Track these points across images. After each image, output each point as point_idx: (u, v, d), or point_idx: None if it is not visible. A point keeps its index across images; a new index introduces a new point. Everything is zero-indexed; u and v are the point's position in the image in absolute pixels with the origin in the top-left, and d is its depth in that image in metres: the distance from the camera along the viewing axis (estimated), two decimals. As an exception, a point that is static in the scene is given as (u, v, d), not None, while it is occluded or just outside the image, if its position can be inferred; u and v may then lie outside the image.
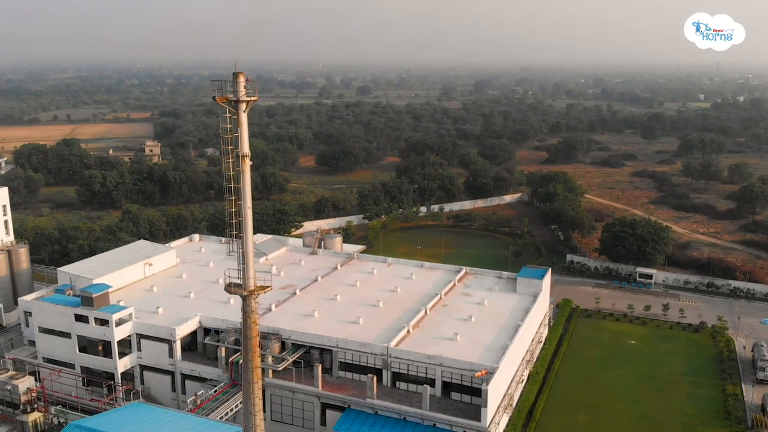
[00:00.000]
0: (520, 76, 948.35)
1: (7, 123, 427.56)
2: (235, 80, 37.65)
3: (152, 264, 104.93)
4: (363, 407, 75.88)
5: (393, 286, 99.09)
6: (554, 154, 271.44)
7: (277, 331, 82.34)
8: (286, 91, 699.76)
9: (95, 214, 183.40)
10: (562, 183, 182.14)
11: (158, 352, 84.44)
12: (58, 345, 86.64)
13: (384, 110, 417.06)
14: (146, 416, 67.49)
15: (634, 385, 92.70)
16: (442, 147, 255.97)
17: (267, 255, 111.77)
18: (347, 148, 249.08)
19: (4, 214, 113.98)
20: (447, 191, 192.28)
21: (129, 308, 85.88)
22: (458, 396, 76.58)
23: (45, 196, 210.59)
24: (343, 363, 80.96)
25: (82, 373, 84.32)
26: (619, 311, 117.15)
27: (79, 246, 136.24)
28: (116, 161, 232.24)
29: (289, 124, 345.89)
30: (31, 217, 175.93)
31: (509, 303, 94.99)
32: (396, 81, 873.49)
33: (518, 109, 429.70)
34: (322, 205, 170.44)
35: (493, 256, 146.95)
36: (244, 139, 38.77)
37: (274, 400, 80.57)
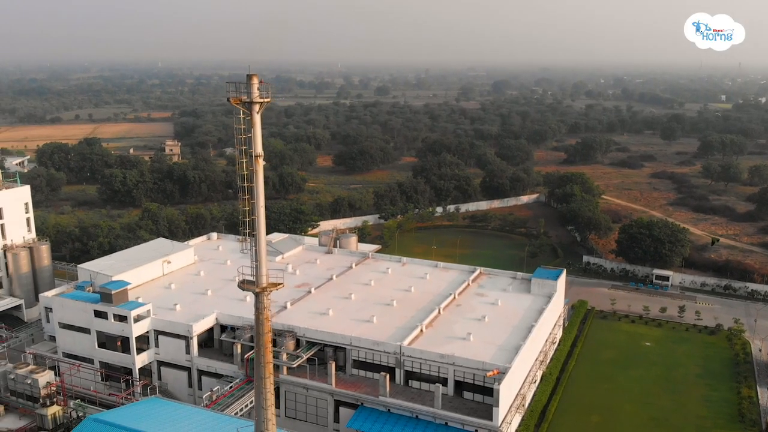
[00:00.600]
0: (539, 76, 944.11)
1: (30, 122, 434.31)
2: (248, 82, 38.57)
3: (171, 262, 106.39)
4: (376, 405, 76.60)
5: (407, 286, 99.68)
6: (572, 155, 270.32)
7: (291, 329, 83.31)
8: (305, 91, 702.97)
9: (116, 212, 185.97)
10: (580, 184, 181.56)
11: (175, 348, 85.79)
12: (77, 340, 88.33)
13: (401, 110, 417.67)
14: (162, 411, 68.75)
15: (648, 386, 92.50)
16: (459, 147, 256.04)
17: (283, 254, 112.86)
18: (364, 148, 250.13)
19: (26, 212, 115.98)
20: (463, 191, 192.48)
21: (147, 305, 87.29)
22: (470, 395, 76.98)
23: (66, 194, 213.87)
24: (356, 361, 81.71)
25: (100, 368, 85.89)
26: (634, 313, 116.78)
27: (99, 243, 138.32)
28: (137, 160, 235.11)
29: (307, 124, 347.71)
30: (53, 214, 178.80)
31: (523, 303, 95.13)
32: (414, 81, 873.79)
33: (537, 110, 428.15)
34: (338, 204, 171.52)
35: (509, 256, 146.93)
36: (257, 139, 39.67)
37: (289, 397, 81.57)
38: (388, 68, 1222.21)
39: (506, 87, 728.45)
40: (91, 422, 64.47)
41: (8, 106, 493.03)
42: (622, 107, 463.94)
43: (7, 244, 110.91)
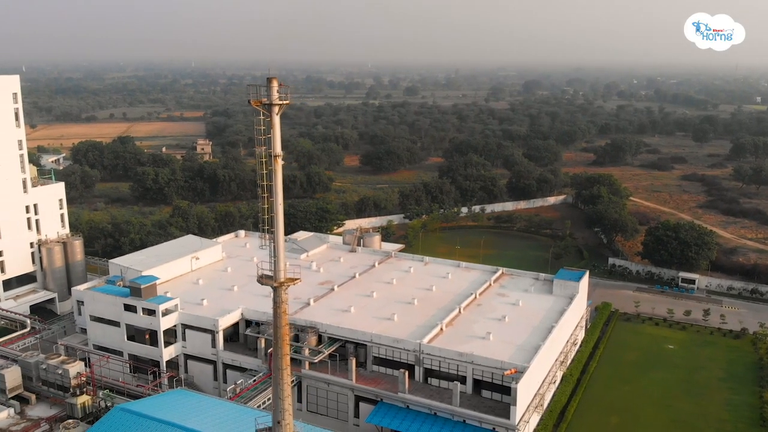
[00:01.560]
0: (571, 76, 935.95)
1: (66, 120, 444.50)
2: (269, 84, 40.16)
3: (199, 258, 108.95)
4: (395, 401, 77.87)
5: (428, 285, 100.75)
6: (601, 156, 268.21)
7: (314, 325, 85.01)
8: (335, 91, 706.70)
9: (147, 210, 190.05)
10: (607, 185, 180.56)
11: (201, 342, 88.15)
12: (107, 333, 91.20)
13: (429, 111, 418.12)
14: (187, 402, 70.94)
15: (669, 389, 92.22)
16: (486, 148, 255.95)
17: (308, 251, 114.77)
18: (391, 149, 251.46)
19: (60, 208, 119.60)
20: (489, 192, 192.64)
21: (175, 299, 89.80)
22: (489, 394, 77.83)
23: (100, 191, 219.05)
24: (377, 358, 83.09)
25: (129, 360, 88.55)
26: (658, 315, 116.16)
27: (131, 239, 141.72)
28: (168, 159, 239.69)
29: (335, 125, 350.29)
30: (87, 211, 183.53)
31: (544, 304, 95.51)
32: (444, 81, 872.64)
33: (567, 110, 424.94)
34: (363, 204, 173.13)
35: (533, 257, 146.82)
36: (276, 139, 41.22)
37: (310, 391, 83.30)
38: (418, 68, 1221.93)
39: (537, 87, 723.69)
40: (119, 411, 66.87)
41: (45, 105, 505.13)
42: (654, 108, 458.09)
43: (42, 239, 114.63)
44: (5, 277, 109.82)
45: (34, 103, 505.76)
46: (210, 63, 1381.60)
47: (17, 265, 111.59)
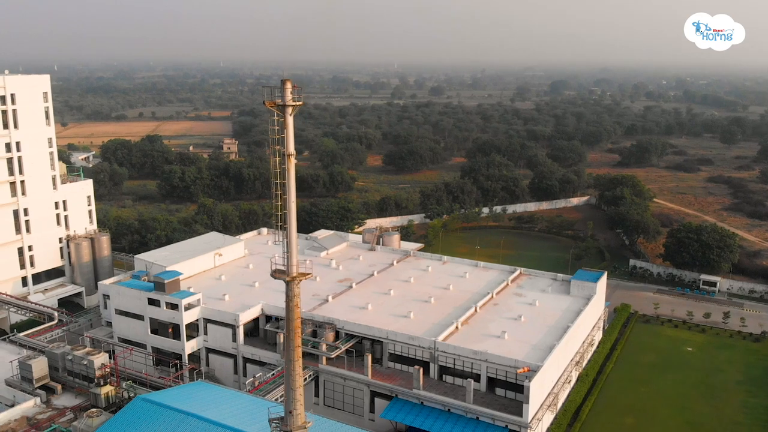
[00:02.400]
0: (599, 76, 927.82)
1: (96, 119, 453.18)
2: (282, 86, 41.77)
3: (222, 254, 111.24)
4: (409, 397, 79.09)
5: (446, 284, 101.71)
6: (627, 157, 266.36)
7: (332, 321, 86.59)
8: (361, 91, 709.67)
9: (174, 207, 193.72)
10: (630, 187, 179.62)
11: (223, 336, 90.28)
12: (132, 326, 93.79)
13: (454, 111, 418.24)
14: (207, 393, 72.97)
15: (686, 391, 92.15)
16: (510, 148, 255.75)
17: (328, 249, 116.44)
18: (414, 148, 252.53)
19: (88, 205, 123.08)
20: (510, 192, 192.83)
21: (197, 294, 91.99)
22: (503, 392, 78.60)
23: (128, 188, 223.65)
24: (392, 354, 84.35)
25: (152, 353, 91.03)
26: (678, 318, 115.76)
27: (156, 236, 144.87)
28: (195, 157, 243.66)
29: (359, 124, 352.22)
30: (115, 208, 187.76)
31: (561, 305, 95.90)
32: (470, 81, 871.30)
33: (593, 111, 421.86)
34: (385, 203, 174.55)
35: (554, 258, 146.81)
36: (289, 139, 42.78)
37: (327, 386, 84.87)
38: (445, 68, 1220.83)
39: (564, 87, 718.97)
40: (141, 401, 69.06)
41: (76, 103, 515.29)
42: (682, 109, 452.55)
43: (70, 235, 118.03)
44: (35, 271, 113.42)
45: (66, 101, 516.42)
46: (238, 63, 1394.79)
47: (46, 259, 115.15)
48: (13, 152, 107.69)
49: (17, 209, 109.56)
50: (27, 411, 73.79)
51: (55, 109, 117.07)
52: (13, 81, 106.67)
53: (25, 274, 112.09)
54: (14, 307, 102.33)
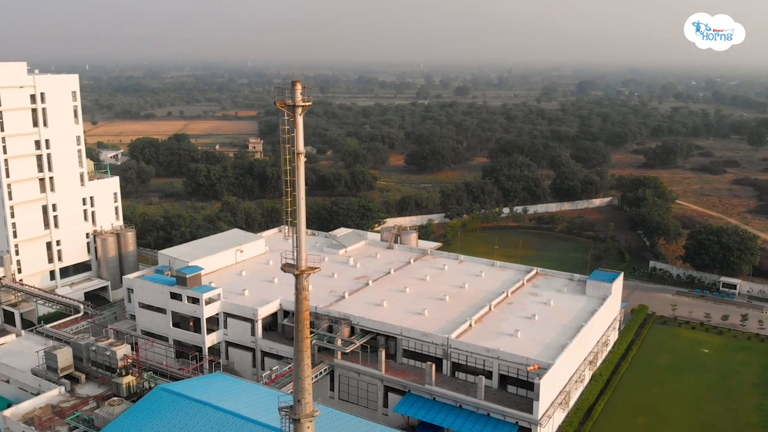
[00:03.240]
0: (627, 77, 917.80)
1: (126, 117, 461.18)
2: (293, 87, 43.54)
3: (243, 251, 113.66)
4: (422, 392, 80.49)
5: (461, 282, 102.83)
6: (652, 159, 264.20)
7: (347, 317, 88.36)
8: (386, 91, 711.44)
9: (199, 205, 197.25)
10: (653, 188, 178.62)
11: (242, 330, 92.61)
12: (154, 319, 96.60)
13: (478, 111, 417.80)
14: (224, 385, 75.16)
15: (700, 392, 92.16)
16: (533, 148, 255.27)
17: (346, 247, 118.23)
18: (435, 148, 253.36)
19: (114, 201, 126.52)
20: (531, 193, 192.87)
21: (218, 289, 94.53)
22: (514, 389, 79.64)
23: (155, 186, 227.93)
24: (406, 350, 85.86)
25: (174, 345, 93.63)
26: (695, 319, 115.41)
27: (181, 233, 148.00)
28: (221, 156, 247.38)
29: (382, 124, 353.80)
30: (142, 205, 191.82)
31: (576, 304, 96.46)
32: (496, 81, 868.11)
33: (619, 111, 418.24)
34: (405, 203, 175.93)
35: (573, 259, 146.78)
36: (299, 138, 44.58)
37: (342, 381, 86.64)
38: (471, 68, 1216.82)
39: (591, 87, 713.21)
40: (160, 391, 71.50)
41: (106, 102, 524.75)
42: (710, 111, 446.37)
43: (97, 230, 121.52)
44: (62, 265, 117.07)
45: (96, 100, 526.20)
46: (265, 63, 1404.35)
47: (74, 254, 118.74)
48: (42, 149, 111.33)
49: (46, 205, 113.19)
50: (52, 399, 76.74)
51: (85, 108, 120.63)
52: (43, 80, 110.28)
53: (53, 268, 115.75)
54: (42, 300, 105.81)
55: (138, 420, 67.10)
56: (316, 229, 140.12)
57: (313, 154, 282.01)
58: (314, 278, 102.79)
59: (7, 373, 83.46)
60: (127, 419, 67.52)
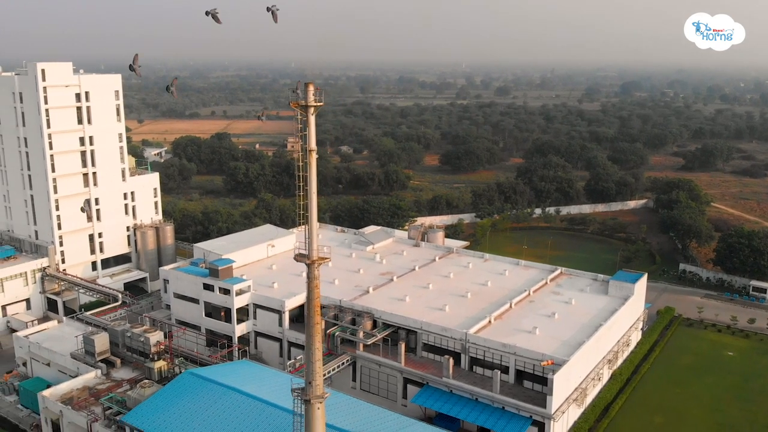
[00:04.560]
0: (673, 78, 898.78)
1: (171, 116, 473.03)
2: (305, 89, 46.63)
3: (274, 245, 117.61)
4: (439, 385, 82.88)
5: (484, 280, 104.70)
6: (691, 161, 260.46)
7: (370, 311, 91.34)
8: (426, 91, 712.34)
9: (237, 201, 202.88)
10: (687, 190, 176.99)
11: (270, 320, 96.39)
12: (188, 309, 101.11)
13: (516, 111, 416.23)
14: (249, 371, 78.98)
15: (721, 394, 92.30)
16: (569, 149, 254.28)
17: (374, 244, 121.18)
18: (470, 149, 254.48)
19: (154, 196, 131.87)
20: (565, 194, 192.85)
21: (248, 281, 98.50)
22: (530, 384, 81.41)
23: (196, 183, 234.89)
24: (426, 344, 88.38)
25: (206, 334, 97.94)
26: (722, 322, 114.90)
27: (218, 228, 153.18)
28: (260, 155, 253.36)
29: (419, 124, 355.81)
30: (182, 201, 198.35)
31: (597, 304, 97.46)
32: (538, 81, 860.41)
33: (660, 113, 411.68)
34: (436, 202, 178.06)
35: (603, 260, 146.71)
36: (311, 136, 47.74)
37: (364, 372, 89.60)
38: (513, 68, 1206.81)
39: (635, 89, 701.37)
40: (188, 375, 75.67)
41: (153, 101, 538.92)
42: (756, 113, 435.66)
43: (137, 224, 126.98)
44: (104, 256, 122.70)
45: (143, 99, 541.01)
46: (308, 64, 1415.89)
47: (114, 246, 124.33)
48: (86, 146, 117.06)
49: (89, 199, 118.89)
50: (88, 381, 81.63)
51: (132, 107, 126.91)
52: (87, 80, 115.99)
53: (95, 259, 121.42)
54: (83, 289, 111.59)
55: (167, 401, 71.27)
56: (347, 226, 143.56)
57: (349, 153, 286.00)
58: (341, 273, 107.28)
59: (48, 357, 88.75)
60: (156, 400, 71.73)
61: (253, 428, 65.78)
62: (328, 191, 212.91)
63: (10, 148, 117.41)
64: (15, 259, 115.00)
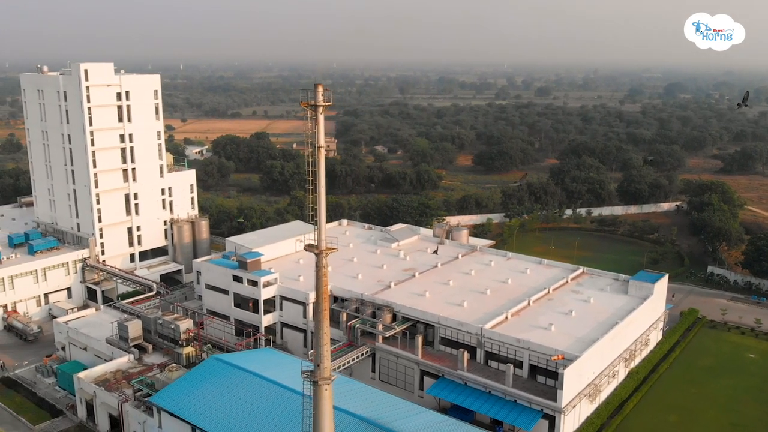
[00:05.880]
0: (720, 79, 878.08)
1: (213, 116, 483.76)
2: (315, 89, 50.01)
3: (302, 241, 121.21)
4: (454, 377, 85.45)
5: (505, 278, 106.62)
6: (729, 164, 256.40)
7: (390, 304, 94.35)
8: (465, 92, 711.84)
9: (272, 199, 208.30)
10: (719, 193, 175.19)
11: (295, 312, 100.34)
12: (218, 300, 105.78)
13: (554, 112, 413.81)
14: (270, 358, 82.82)
15: (738, 395, 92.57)
16: (605, 151, 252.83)
17: (399, 241, 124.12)
18: (503, 149, 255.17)
19: (191, 192, 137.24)
20: (596, 195, 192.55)
21: (275, 274, 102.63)
22: (543, 379, 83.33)
23: (234, 180, 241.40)
24: (443, 338, 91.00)
25: (234, 324, 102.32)
26: (746, 325, 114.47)
27: (252, 223, 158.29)
28: (296, 154, 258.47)
29: (454, 125, 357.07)
30: (220, 197, 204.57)
31: (616, 303, 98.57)
32: (581, 82, 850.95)
33: (701, 115, 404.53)
34: (465, 201, 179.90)
35: (631, 262, 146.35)
36: (320, 134, 51.12)
37: (383, 363, 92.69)
38: (556, 68, 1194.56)
39: (680, 90, 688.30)
40: (213, 360, 79.85)
41: (197, 101, 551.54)
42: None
43: (174, 218, 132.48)
44: (141, 249, 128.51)
45: (187, 99, 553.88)
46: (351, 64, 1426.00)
47: (152, 239, 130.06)
48: (126, 143, 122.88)
49: (128, 193, 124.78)
50: (122, 365, 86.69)
51: (176, 106, 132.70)
52: (127, 80, 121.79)
53: (133, 251, 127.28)
54: (121, 279, 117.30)
55: (192, 384, 75.52)
56: (376, 224, 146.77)
57: (384, 153, 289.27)
58: (364, 268, 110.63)
59: (85, 342, 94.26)
60: (182, 383, 76.05)
61: (271, 410, 69.50)
62: (360, 190, 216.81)
63: (55, 144, 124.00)
64: (58, 250, 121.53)
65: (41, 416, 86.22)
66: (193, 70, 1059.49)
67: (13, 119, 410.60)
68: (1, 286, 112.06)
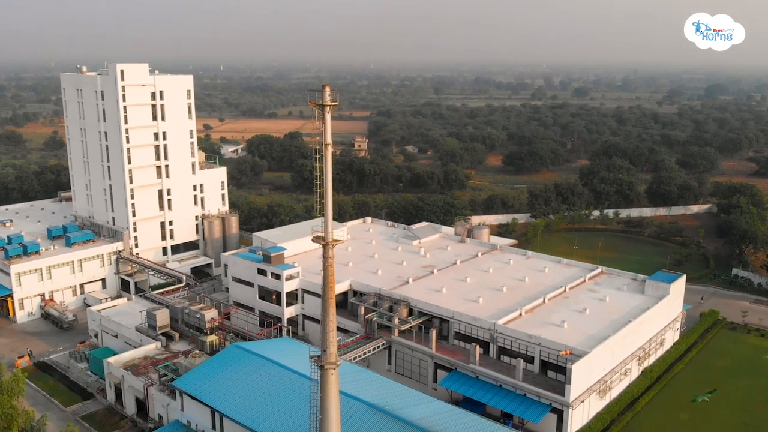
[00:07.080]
0: (764, 81, 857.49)
1: (250, 115, 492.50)
2: (322, 90, 53.25)
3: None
4: (466, 371, 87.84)
5: (522, 276, 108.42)
6: (764, 167, 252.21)
7: (407, 299, 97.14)
8: (501, 92, 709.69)
9: (303, 197, 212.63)
10: (749, 195, 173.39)
11: (316, 305, 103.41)
12: (244, 292, 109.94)
13: (588, 113, 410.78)
14: (289, 347, 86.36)
15: (752, 396, 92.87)
16: (637, 152, 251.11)
17: (420, 239, 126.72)
18: (533, 150, 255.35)
19: (221, 189, 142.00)
20: (624, 196, 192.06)
21: (297, 267, 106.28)
22: (554, 374, 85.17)
23: (267, 179, 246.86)
24: (457, 333, 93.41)
25: (258, 315, 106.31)
26: (766, 327, 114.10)
27: (281, 220, 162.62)
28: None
29: (485, 125, 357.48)
30: (253, 195, 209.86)
31: (631, 302, 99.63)
32: (620, 83, 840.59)
33: (739, 117, 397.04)
34: (491, 201, 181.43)
35: (655, 263, 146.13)
36: (327, 132, 54.40)
37: (398, 356, 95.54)
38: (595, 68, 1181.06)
39: (720, 92, 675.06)
40: (234, 348, 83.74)
41: (235, 101, 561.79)
42: None
43: (205, 214, 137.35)
44: (173, 242, 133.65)
45: (225, 99, 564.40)
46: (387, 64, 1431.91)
47: (184, 233, 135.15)
48: (160, 141, 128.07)
49: (161, 189, 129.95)
50: (149, 352, 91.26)
51: (214, 106, 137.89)
52: (161, 80, 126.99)
53: (165, 245, 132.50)
54: (152, 271, 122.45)
55: (213, 369, 79.48)
56: (402, 223, 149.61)
57: (414, 153, 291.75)
58: (385, 264, 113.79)
59: (116, 330, 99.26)
60: (204, 368, 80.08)
61: (286, 395, 72.97)
62: (388, 189, 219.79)
63: (92, 141, 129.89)
64: (94, 243, 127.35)
65: (73, 399, 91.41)
66: (232, 71, 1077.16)
67: (57, 117, 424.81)
68: (39, 276, 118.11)
